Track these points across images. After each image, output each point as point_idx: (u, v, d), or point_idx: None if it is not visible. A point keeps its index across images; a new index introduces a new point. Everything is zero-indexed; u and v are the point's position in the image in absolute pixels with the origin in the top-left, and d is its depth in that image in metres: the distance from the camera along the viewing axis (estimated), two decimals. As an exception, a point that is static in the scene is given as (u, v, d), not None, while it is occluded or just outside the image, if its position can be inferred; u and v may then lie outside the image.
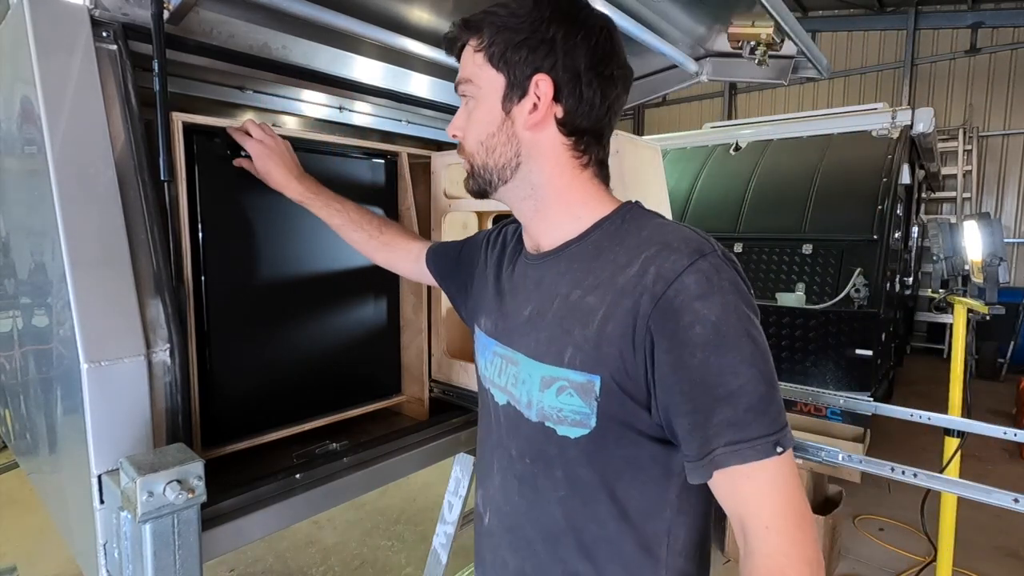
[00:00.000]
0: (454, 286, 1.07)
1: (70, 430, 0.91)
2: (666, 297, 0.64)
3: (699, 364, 0.63)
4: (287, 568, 2.87)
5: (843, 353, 3.16)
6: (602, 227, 0.76)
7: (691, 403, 0.64)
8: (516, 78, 0.74)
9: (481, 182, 0.81)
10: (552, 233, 0.80)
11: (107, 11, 0.93)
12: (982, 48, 7.71)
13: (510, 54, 0.73)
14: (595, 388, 0.69)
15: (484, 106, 0.77)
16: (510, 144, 0.76)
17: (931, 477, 1.20)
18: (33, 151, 0.91)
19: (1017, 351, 6.51)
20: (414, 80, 1.49)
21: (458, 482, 1.79)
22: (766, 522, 0.62)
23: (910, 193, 4.90)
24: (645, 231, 0.73)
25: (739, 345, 0.63)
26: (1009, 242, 7.48)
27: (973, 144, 7.63)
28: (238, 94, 1.31)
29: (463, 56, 0.79)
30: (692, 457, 0.65)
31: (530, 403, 0.77)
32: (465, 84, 0.79)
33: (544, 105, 0.73)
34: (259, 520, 1.00)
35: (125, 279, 0.88)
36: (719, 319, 0.63)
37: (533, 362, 0.76)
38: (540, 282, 0.80)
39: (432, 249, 1.13)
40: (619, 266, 0.70)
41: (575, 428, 0.72)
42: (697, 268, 0.65)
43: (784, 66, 1.50)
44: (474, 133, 0.79)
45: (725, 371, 0.62)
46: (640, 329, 0.66)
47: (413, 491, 3.57)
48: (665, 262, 0.66)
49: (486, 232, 1.03)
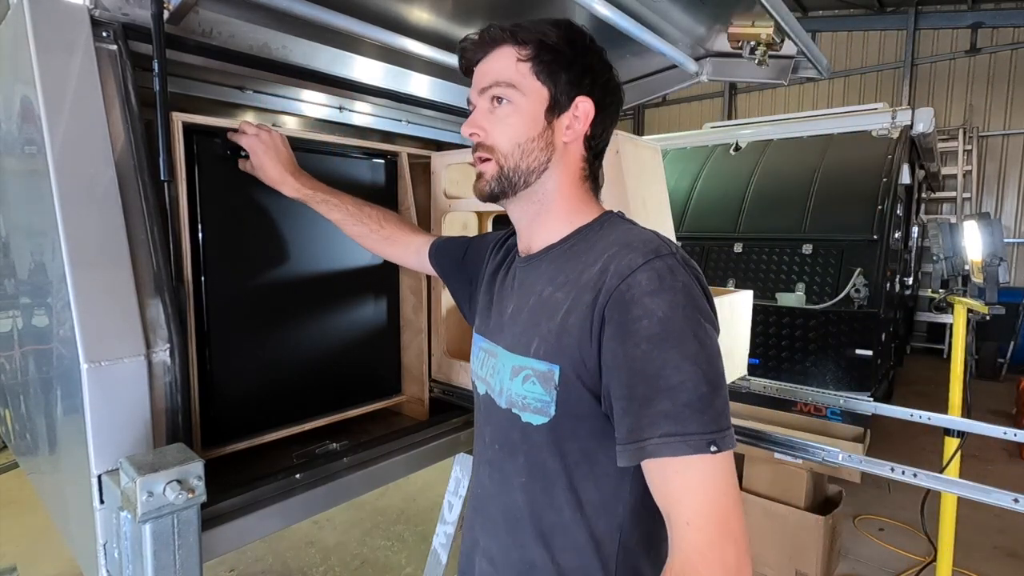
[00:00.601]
0: (458, 284, 1.10)
1: (70, 430, 0.91)
2: (619, 290, 0.69)
3: (642, 355, 0.66)
4: (287, 568, 2.87)
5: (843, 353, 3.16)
6: (581, 232, 0.83)
7: (628, 390, 0.67)
8: (560, 95, 0.81)
9: (506, 184, 0.83)
10: (544, 236, 0.86)
11: (107, 11, 0.93)
12: (982, 48, 7.71)
13: (557, 72, 0.80)
14: (555, 377, 0.74)
15: (526, 112, 0.81)
16: (546, 151, 0.82)
17: (931, 477, 1.21)
18: (33, 151, 0.91)
19: (1017, 351, 6.51)
20: (414, 80, 1.49)
21: (458, 482, 1.79)
22: (687, 518, 0.63)
23: (910, 193, 4.91)
24: (613, 235, 0.79)
25: (683, 343, 0.66)
26: (1009, 242, 7.48)
27: (973, 144, 7.62)
28: (238, 94, 1.31)
29: (499, 59, 0.81)
30: (621, 440, 0.68)
31: (501, 391, 0.82)
32: (506, 88, 0.80)
33: (583, 123, 0.82)
34: (259, 520, 1.00)
35: (125, 279, 0.88)
36: (666, 316, 0.66)
37: (508, 354, 0.82)
38: (524, 282, 0.86)
39: (436, 245, 1.14)
40: (586, 265, 0.76)
41: (537, 416, 0.77)
42: (651, 267, 0.69)
43: (784, 66, 1.50)
44: (510, 135, 0.81)
45: (667, 365, 0.65)
46: (595, 320, 0.70)
47: (413, 491, 3.57)
48: (623, 260, 0.71)
49: (494, 236, 1.06)
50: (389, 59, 1.41)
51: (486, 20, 1.39)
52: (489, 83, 0.82)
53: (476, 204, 1.49)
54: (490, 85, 0.81)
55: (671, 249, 0.72)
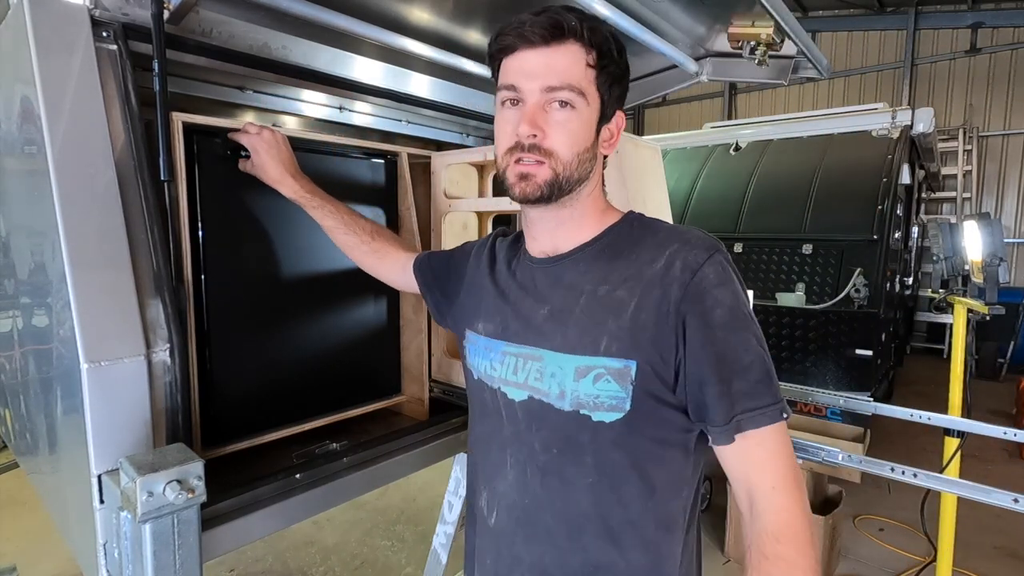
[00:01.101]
0: (439, 293, 1.09)
1: (70, 430, 0.91)
2: (693, 283, 0.75)
3: (720, 341, 0.73)
4: (287, 568, 2.87)
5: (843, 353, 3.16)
6: (613, 232, 0.86)
7: (717, 374, 0.73)
8: (607, 107, 0.83)
9: (555, 190, 0.80)
10: (575, 237, 0.86)
11: (107, 11, 0.93)
12: (982, 48, 7.71)
13: (612, 84, 0.82)
14: (631, 372, 0.76)
15: (587, 122, 0.80)
16: (593, 160, 0.83)
17: (931, 477, 1.21)
18: (33, 151, 0.91)
19: (1017, 351, 6.51)
20: (414, 80, 1.49)
21: (458, 482, 1.79)
22: (772, 483, 0.72)
23: (910, 193, 4.91)
24: (660, 233, 0.83)
25: (747, 327, 0.75)
26: (1009, 242, 7.48)
27: (973, 144, 7.62)
28: (238, 94, 1.31)
29: (567, 57, 0.78)
30: (719, 422, 0.73)
31: (563, 394, 0.80)
32: (575, 93, 0.78)
33: (617, 136, 0.86)
34: (259, 520, 1.00)
35: (125, 279, 0.88)
36: (733, 304, 0.75)
37: (563, 355, 0.80)
38: (557, 282, 0.86)
39: (420, 259, 1.13)
40: (644, 263, 0.79)
41: (611, 413, 0.77)
42: (714, 260, 0.76)
43: (784, 66, 1.50)
44: (572, 145, 0.80)
45: (739, 348, 0.74)
46: (672, 313, 0.74)
47: (413, 491, 3.57)
48: (688, 255, 0.76)
49: (474, 243, 1.07)
50: (389, 59, 1.41)
51: (486, 20, 1.40)
52: (559, 83, 0.77)
53: (476, 204, 1.49)
54: (562, 86, 0.77)
55: (721, 245, 0.79)
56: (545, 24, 0.77)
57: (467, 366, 0.97)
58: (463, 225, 1.53)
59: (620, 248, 0.83)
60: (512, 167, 0.81)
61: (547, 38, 0.77)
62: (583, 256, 0.85)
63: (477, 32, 1.43)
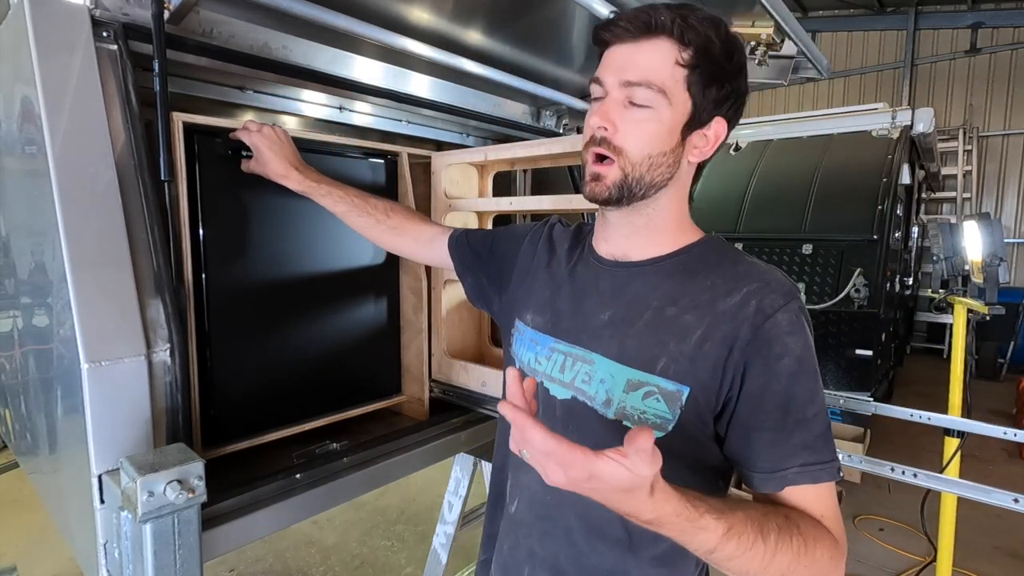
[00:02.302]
0: (482, 276, 1.05)
1: (70, 430, 0.91)
2: (764, 329, 0.72)
3: (783, 390, 0.71)
4: (287, 568, 2.87)
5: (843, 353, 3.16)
6: (692, 251, 0.82)
7: (772, 423, 0.71)
8: (702, 111, 0.76)
9: (624, 193, 0.77)
10: (647, 248, 0.83)
11: (107, 11, 0.93)
12: (982, 48, 7.71)
13: (708, 87, 0.75)
14: (682, 397, 0.74)
15: (666, 123, 0.75)
16: (673, 167, 0.78)
17: (931, 477, 1.21)
18: (33, 151, 0.91)
19: (1017, 351, 6.51)
20: (414, 80, 1.49)
21: (458, 482, 1.80)
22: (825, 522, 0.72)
23: (910, 193, 4.91)
24: (741, 266, 0.79)
25: (813, 379, 0.73)
26: (1009, 242, 7.48)
27: (973, 144, 7.63)
28: (238, 94, 1.31)
29: (655, 54, 0.73)
30: (765, 470, 0.72)
31: (609, 402, 0.79)
32: (655, 92, 0.73)
33: (712, 146, 0.79)
34: (259, 520, 1.01)
35: (125, 279, 0.88)
36: (802, 355, 0.72)
37: (617, 365, 0.79)
38: (623, 289, 0.83)
39: (456, 238, 1.10)
40: (719, 293, 0.76)
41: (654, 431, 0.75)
42: (790, 308, 0.74)
43: (784, 66, 1.50)
44: (644, 145, 0.75)
45: (803, 399, 0.72)
46: (736, 352, 0.73)
47: (413, 491, 3.57)
48: (766, 298, 0.74)
49: (526, 228, 1.03)
50: (389, 59, 1.41)
51: (486, 20, 1.40)
52: (639, 79, 0.73)
53: (476, 204, 1.49)
54: (640, 82, 0.73)
55: (799, 293, 0.77)
56: (635, 18, 0.73)
57: (511, 353, 0.95)
58: (463, 225, 1.53)
59: (695, 270, 0.80)
60: (588, 165, 0.79)
61: (636, 33, 0.74)
62: (656, 270, 0.81)
63: (477, 32, 1.43)
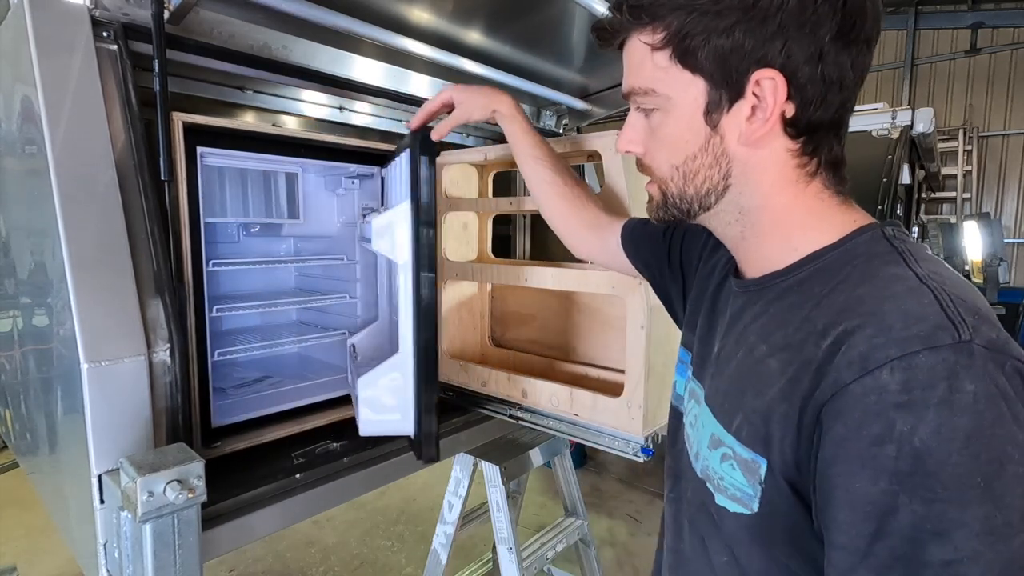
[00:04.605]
0: (667, 279, 0.87)
1: (70, 430, 0.91)
2: (849, 391, 0.45)
3: (879, 495, 0.43)
4: (287, 568, 2.87)
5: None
6: (819, 261, 0.56)
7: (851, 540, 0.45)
8: (724, 79, 0.55)
9: (676, 212, 0.63)
10: (760, 262, 0.62)
11: (107, 11, 0.93)
12: (982, 48, 7.70)
13: (713, 47, 0.53)
14: (760, 471, 0.53)
15: (678, 122, 0.58)
16: (717, 165, 0.58)
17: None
18: (33, 151, 0.91)
19: (1017, 351, 6.50)
20: (414, 80, 1.49)
21: (458, 482, 1.79)
22: None
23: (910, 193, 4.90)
24: (867, 285, 0.51)
25: (964, 498, 0.41)
26: (1009, 242, 7.45)
27: (973, 144, 7.63)
28: (238, 94, 1.31)
29: (632, 55, 0.60)
30: None
31: (698, 455, 0.65)
32: (642, 96, 0.60)
33: (771, 110, 0.54)
34: (259, 520, 1.00)
35: (125, 279, 0.88)
36: (930, 446, 0.41)
37: (708, 411, 0.63)
38: (735, 318, 0.65)
39: (630, 228, 0.93)
40: (813, 330, 0.51)
41: (735, 504, 0.57)
42: (912, 364, 0.43)
43: (784, 66, 1.49)
44: (665, 155, 0.61)
45: (924, 529, 0.41)
46: (808, 417, 0.49)
47: (413, 491, 3.57)
48: (863, 341, 0.46)
49: (701, 233, 0.80)
50: (389, 59, 1.41)
51: (486, 20, 1.40)
52: (625, 90, 0.62)
53: (476, 204, 1.49)
54: (627, 93, 0.62)
55: (964, 333, 0.43)
56: (599, 33, 0.63)
57: None
58: (463, 225, 1.53)
59: (811, 291, 0.55)
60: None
61: (609, 43, 0.62)
62: (766, 291, 0.60)
63: (477, 32, 1.43)
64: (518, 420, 1.29)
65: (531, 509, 3.40)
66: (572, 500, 1.97)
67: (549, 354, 1.45)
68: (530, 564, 1.68)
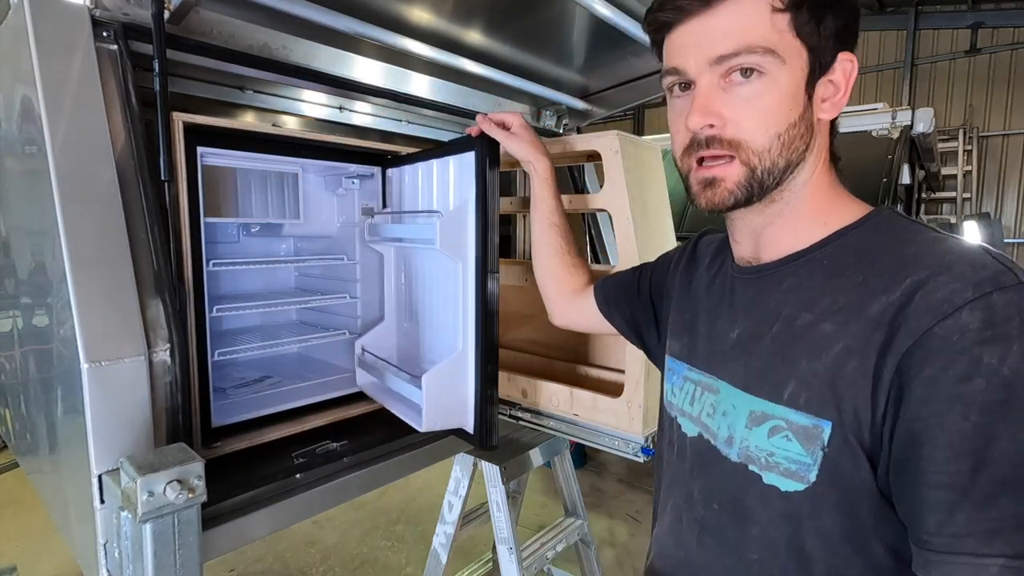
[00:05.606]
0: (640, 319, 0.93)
1: (70, 430, 0.91)
2: (932, 334, 0.49)
3: (972, 430, 0.46)
4: (287, 568, 2.87)
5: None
6: (846, 237, 0.61)
7: (949, 477, 0.47)
8: (822, 53, 0.59)
9: (755, 190, 0.62)
10: (784, 243, 0.65)
11: (107, 11, 0.93)
12: (982, 48, 7.70)
13: (824, 18, 0.58)
14: (823, 436, 0.55)
15: (786, 87, 0.58)
16: (807, 135, 0.61)
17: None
18: (33, 151, 0.91)
19: (1017, 351, 6.49)
20: (414, 80, 1.49)
21: (458, 482, 1.79)
22: None
23: (910, 193, 4.90)
24: (911, 247, 0.56)
25: None
26: (1009, 242, 7.47)
27: (973, 144, 7.62)
28: (238, 94, 1.31)
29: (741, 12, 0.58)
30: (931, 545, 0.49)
31: (731, 439, 0.65)
32: (762, 55, 0.57)
33: (845, 89, 0.61)
34: (259, 520, 1.01)
35: (125, 279, 0.88)
36: (1013, 374, 0.46)
37: (740, 392, 0.64)
38: (755, 300, 0.67)
39: (600, 285, 1.00)
40: (871, 290, 0.55)
41: (787, 480, 0.58)
42: (988, 303, 0.48)
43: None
44: (768, 125, 0.59)
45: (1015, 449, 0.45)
46: (887, 368, 0.51)
47: (413, 491, 3.57)
48: (938, 289, 0.50)
49: (672, 252, 0.90)
50: (389, 59, 1.41)
51: (486, 20, 1.40)
52: (731, 49, 0.58)
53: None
54: (733, 52, 0.58)
55: (1018, 276, 0.49)
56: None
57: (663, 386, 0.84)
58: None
59: (846, 262, 0.59)
60: (695, 172, 0.64)
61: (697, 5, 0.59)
62: (793, 269, 0.63)
63: (477, 32, 1.43)
64: (518, 420, 1.29)
65: (531, 509, 3.40)
66: (572, 500, 1.97)
67: (549, 354, 1.45)
68: (530, 564, 1.68)
